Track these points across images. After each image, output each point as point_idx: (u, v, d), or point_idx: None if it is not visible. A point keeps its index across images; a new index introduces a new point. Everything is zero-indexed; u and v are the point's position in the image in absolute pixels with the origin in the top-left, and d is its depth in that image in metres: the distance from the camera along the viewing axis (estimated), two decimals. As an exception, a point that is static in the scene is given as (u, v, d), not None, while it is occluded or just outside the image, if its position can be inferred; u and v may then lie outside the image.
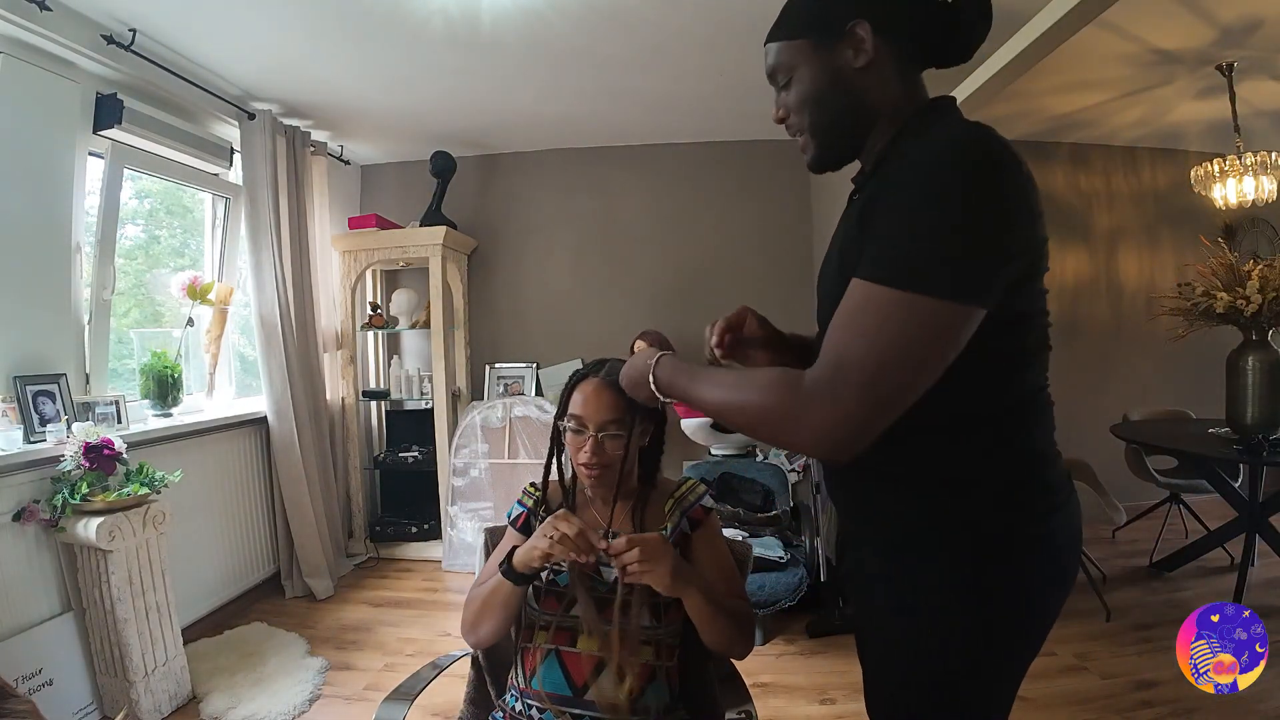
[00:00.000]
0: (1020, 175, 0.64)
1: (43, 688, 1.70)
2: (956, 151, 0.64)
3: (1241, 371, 2.32)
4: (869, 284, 0.63)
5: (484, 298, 3.64)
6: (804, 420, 0.63)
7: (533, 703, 0.98)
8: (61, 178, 1.99)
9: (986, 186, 0.62)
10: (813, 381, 0.63)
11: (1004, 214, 0.63)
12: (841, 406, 0.61)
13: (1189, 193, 3.15)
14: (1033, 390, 0.73)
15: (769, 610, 2.23)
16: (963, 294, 0.61)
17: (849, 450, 0.63)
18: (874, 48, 0.73)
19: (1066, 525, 0.74)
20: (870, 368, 0.61)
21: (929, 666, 0.73)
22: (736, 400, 0.70)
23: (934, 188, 0.62)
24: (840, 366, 0.62)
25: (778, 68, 0.80)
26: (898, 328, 0.61)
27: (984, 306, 0.62)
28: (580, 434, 1.00)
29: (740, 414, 0.70)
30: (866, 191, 0.74)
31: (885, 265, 0.62)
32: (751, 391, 0.69)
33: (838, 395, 0.62)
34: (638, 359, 0.89)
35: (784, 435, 0.66)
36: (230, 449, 2.60)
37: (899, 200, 0.64)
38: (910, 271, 0.61)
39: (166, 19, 2.07)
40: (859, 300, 0.64)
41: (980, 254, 0.62)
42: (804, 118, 0.79)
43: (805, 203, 3.51)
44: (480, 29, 2.19)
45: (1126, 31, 2.39)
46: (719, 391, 0.73)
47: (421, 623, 2.53)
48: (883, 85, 0.75)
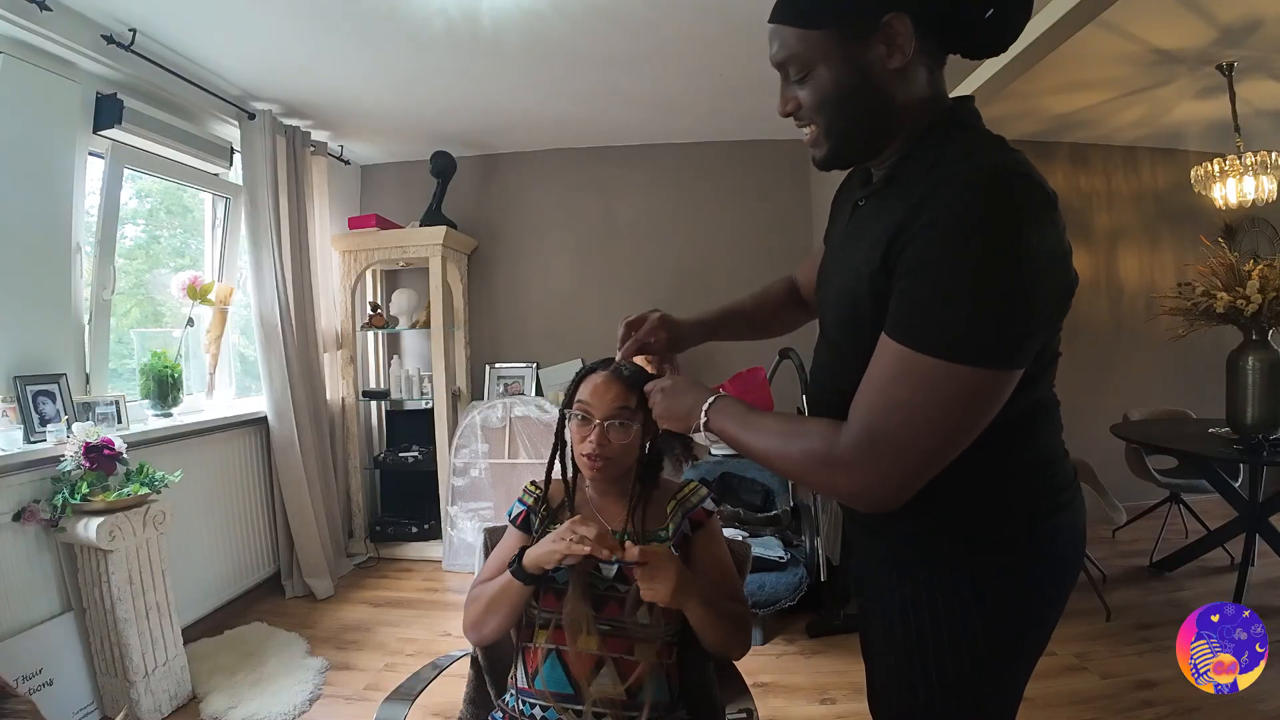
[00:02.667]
0: (1054, 219, 0.61)
1: (43, 688, 1.70)
2: (990, 202, 0.58)
3: (1241, 371, 2.32)
4: (902, 349, 0.61)
5: (484, 298, 3.64)
6: (839, 483, 0.65)
7: (535, 701, 0.98)
8: (61, 178, 1.99)
9: (1023, 244, 0.58)
10: (846, 447, 0.63)
11: (1041, 272, 0.59)
12: (873, 474, 0.62)
13: (1189, 193, 3.15)
14: (1040, 397, 0.72)
15: (769, 610, 2.23)
16: (1003, 360, 0.59)
17: (886, 508, 0.64)
18: (912, 46, 0.65)
19: (1070, 526, 0.74)
20: (905, 438, 0.61)
21: (933, 666, 0.73)
22: (781, 451, 0.71)
23: (969, 247, 0.58)
24: (873, 435, 0.62)
25: (791, 60, 0.69)
26: (934, 397, 0.60)
27: (1021, 368, 0.61)
28: (586, 422, 1.01)
29: (785, 464, 0.71)
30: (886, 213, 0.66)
31: (920, 330, 0.60)
32: (795, 443, 0.69)
33: (869, 464, 0.62)
34: (686, 396, 0.84)
35: (826, 489, 0.68)
36: (230, 449, 2.60)
37: (930, 255, 0.60)
38: (948, 340, 0.58)
39: (166, 19, 2.07)
40: (893, 365, 0.62)
41: (1020, 317, 0.59)
42: (820, 118, 0.70)
43: (805, 203, 3.51)
44: (480, 29, 2.19)
45: (1126, 31, 2.39)
46: (765, 441, 0.73)
47: (421, 623, 2.53)
48: (912, 86, 0.68)
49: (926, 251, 0.60)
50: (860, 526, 0.85)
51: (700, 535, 1.06)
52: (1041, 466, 0.72)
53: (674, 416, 0.85)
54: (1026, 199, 0.60)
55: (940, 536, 0.72)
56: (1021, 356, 0.61)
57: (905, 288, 0.62)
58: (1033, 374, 0.69)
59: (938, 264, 0.59)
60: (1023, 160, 0.62)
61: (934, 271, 0.60)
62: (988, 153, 0.65)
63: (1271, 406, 2.27)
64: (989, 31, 0.69)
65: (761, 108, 2.96)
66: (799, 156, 3.48)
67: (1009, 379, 0.61)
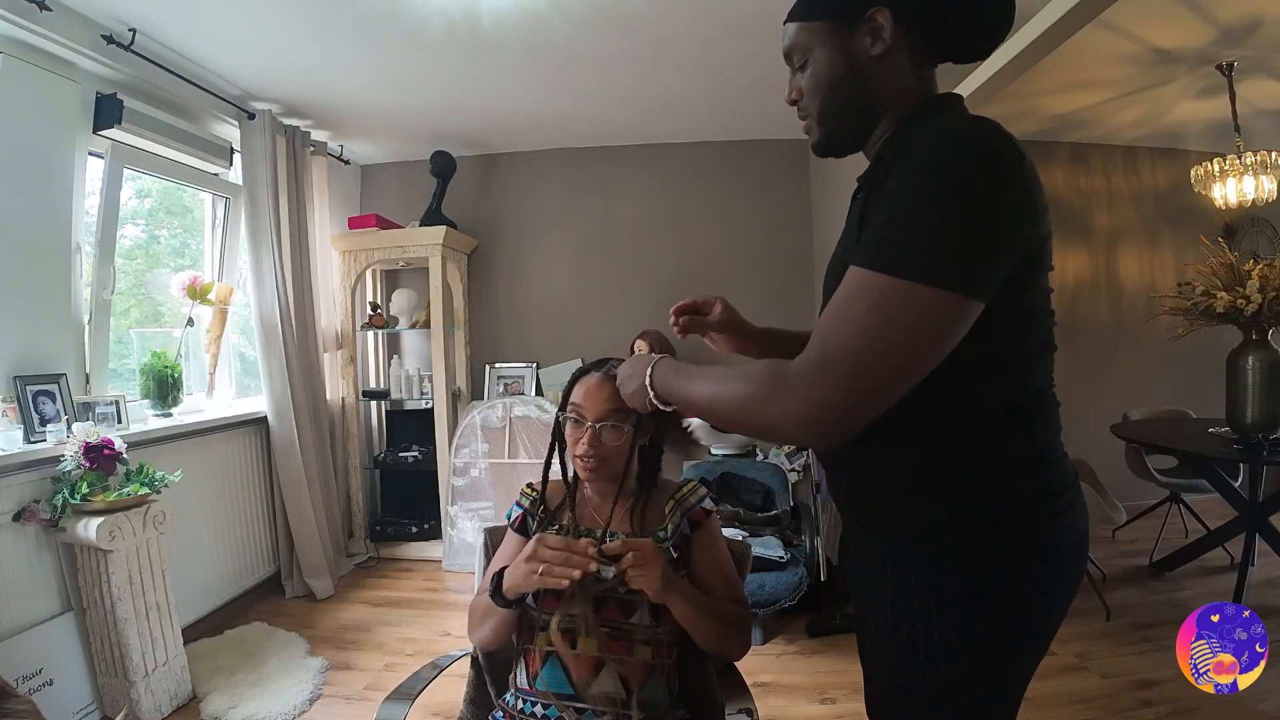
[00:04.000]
0: (1021, 169, 0.63)
1: (43, 688, 1.70)
2: (956, 142, 0.63)
3: (1241, 371, 2.32)
4: (862, 270, 0.62)
5: (484, 298, 3.64)
6: (783, 407, 0.62)
7: (536, 701, 0.98)
8: (61, 178, 1.99)
9: (984, 178, 0.61)
10: (796, 367, 0.63)
11: (1002, 207, 0.61)
12: (822, 393, 0.60)
13: (1189, 192, 3.15)
14: (1037, 391, 0.72)
15: (769, 610, 2.23)
16: (958, 284, 0.59)
17: (828, 438, 0.63)
18: (891, 36, 0.72)
19: (1071, 528, 0.72)
20: (856, 354, 0.60)
21: (930, 669, 0.73)
22: (723, 392, 0.69)
23: (931, 176, 0.61)
24: (825, 353, 0.61)
25: (794, 48, 0.79)
26: (889, 314, 0.59)
27: (979, 300, 0.61)
28: (580, 425, 1.02)
29: (727, 405, 0.69)
30: (869, 182, 0.72)
31: (879, 252, 0.61)
32: (736, 382, 0.68)
33: (820, 381, 0.60)
34: (635, 362, 0.89)
35: (764, 422, 0.65)
36: (230, 449, 2.60)
37: (895, 188, 0.63)
38: (904, 258, 0.59)
39: (166, 19, 2.07)
40: (851, 288, 0.63)
41: (977, 245, 0.60)
42: (815, 101, 0.78)
43: (805, 203, 3.51)
44: (480, 29, 2.19)
45: (1126, 31, 2.39)
46: (708, 386, 0.72)
47: (421, 623, 2.53)
48: (895, 76, 0.75)
49: (893, 183, 0.63)
50: (858, 526, 0.84)
51: (699, 535, 1.05)
52: (1040, 466, 0.72)
53: (628, 389, 0.89)
54: (993, 140, 0.63)
55: (937, 536, 0.71)
56: (979, 286, 0.61)
57: (871, 221, 0.65)
58: (1024, 359, 0.70)
59: (901, 191, 0.62)
60: (997, 124, 0.65)
61: (897, 199, 0.62)
62: (963, 116, 0.71)
63: (1271, 406, 2.27)
64: (971, 34, 0.75)
65: (761, 108, 2.96)
66: (799, 156, 3.48)
67: (966, 307, 0.60)
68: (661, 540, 1.03)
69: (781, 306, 3.42)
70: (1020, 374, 0.70)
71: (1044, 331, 0.71)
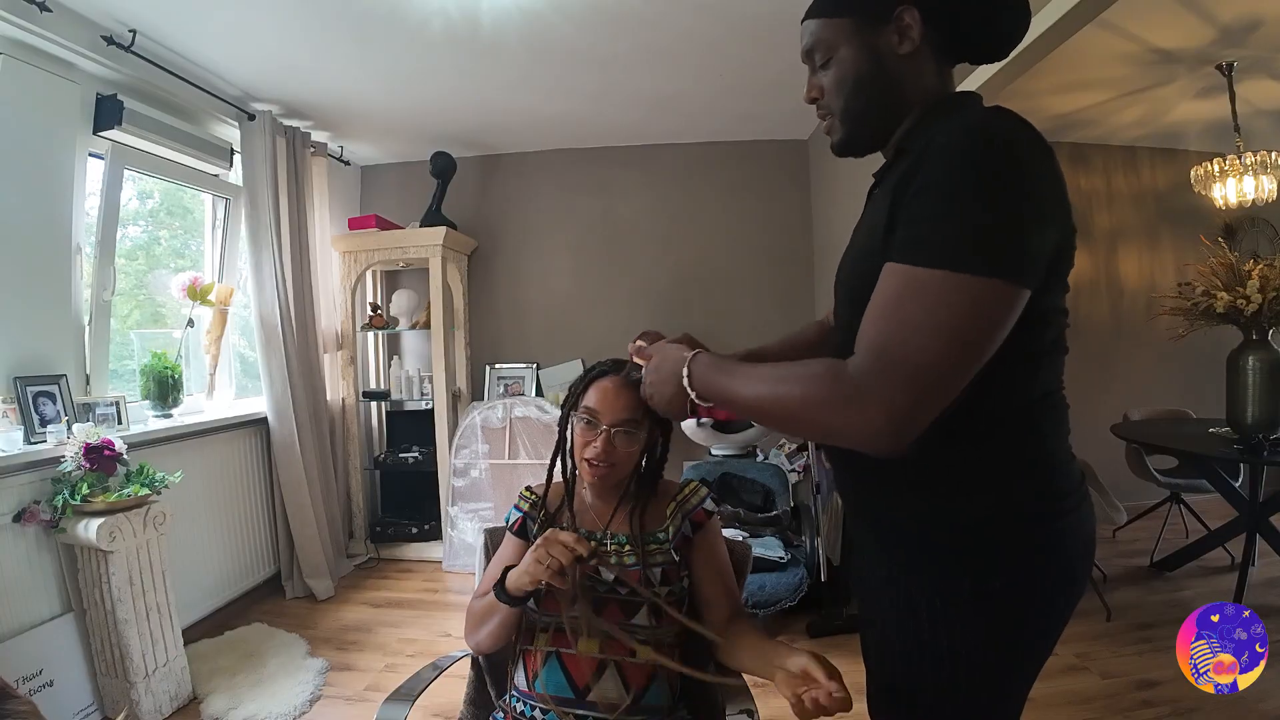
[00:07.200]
0: (1051, 157, 0.63)
1: (43, 688, 1.70)
2: (989, 131, 0.62)
3: (1241, 371, 2.32)
4: (907, 268, 0.61)
5: (484, 298, 3.64)
6: (850, 414, 0.60)
7: (536, 704, 0.98)
8: (61, 178, 1.99)
9: (1020, 166, 0.60)
10: (858, 372, 0.60)
11: (1039, 193, 0.61)
12: (889, 398, 0.59)
13: (1189, 192, 3.15)
14: (1046, 392, 0.71)
15: (769, 610, 2.23)
16: (1009, 271, 0.59)
17: (899, 444, 0.60)
18: (920, 35, 0.72)
19: (1077, 530, 0.72)
20: (917, 356, 0.58)
21: (933, 670, 0.72)
22: (778, 394, 0.66)
23: (967, 168, 0.60)
24: (885, 356, 0.59)
25: (816, 45, 0.77)
26: (944, 311, 0.58)
27: (1029, 287, 0.61)
28: (593, 427, 0.98)
29: (782, 408, 0.66)
30: (893, 176, 0.70)
31: (924, 246, 0.60)
32: (794, 384, 0.65)
33: (885, 387, 0.59)
34: (669, 353, 0.82)
35: (830, 430, 0.64)
36: (230, 450, 2.60)
37: (929, 183, 0.61)
38: (953, 251, 0.58)
39: (166, 19, 2.07)
40: (898, 286, 0.61)
41: (1021, 231, 0.60)
42: (838, 100, 0.77)
43: (806, 203, 3.51)
44: (480, 29, 2.19)
45: (1126, 31, 2.39)
46: (762, 386, 0.68)
47: (422, 623, 2.53)
48: (920, 75, 0.74)
49: (928, 177, 0.62)
50: (864, 526, 0.84)
51: (700, 536, 1.05)
52: (1047, 467, 0.71)
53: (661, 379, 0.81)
54: (1025, 131, 0.63)
55: (941, 536, 0.71)
56: (1029, 272, 0.61)
57: (908, 216, 0.63)
58: (1035, 358, 0.69)
59: (939, 185, 0.61)
60: (1021, 116, 0.65)
61: (936, 192, 0.61)
62: (987, 108, 0.69)
63: (1271, 406, 2.27)
64: (991, 33, 0.75)
65: (761, 108, 2.97)
66: (799, 156, 3.48)
67: (1017, 294, 0.60)
68: (661, 542, 1.03)
69: (780, 306, 3.42)
70: (1031, 374, 0.69)
71: (1057, 330, 0.71)
